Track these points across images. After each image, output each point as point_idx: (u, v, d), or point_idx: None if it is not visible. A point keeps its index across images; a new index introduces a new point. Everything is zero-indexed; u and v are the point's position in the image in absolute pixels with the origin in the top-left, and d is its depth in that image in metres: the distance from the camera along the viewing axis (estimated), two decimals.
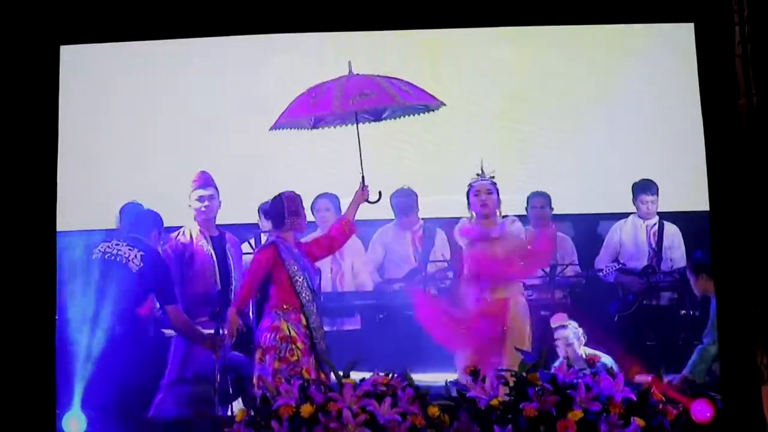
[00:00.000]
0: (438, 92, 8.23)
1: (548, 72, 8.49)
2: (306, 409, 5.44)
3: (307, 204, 7.27)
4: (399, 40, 8.33)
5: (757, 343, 6.23)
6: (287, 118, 7.21)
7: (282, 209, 6.84)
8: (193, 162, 7.61)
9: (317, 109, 7.11)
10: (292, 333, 6.64)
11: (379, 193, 7.13)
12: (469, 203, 7.07)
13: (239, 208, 7.85)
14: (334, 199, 8.11)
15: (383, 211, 7.93)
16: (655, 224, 8.27)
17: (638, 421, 5.49)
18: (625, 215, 8.34)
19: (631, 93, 8.43)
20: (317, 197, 8.08)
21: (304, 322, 6.70)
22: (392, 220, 8.23)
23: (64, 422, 6.19)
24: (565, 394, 5.50)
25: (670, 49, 8.14)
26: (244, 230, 7.82)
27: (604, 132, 8.44)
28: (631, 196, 8.28)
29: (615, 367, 6.66)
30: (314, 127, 7.40)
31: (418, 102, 7.25)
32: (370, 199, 7.12)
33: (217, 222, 7.65)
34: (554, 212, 8.21)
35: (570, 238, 8.38)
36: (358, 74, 7.18)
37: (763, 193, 6.31)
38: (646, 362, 6.31)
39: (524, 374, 5.58)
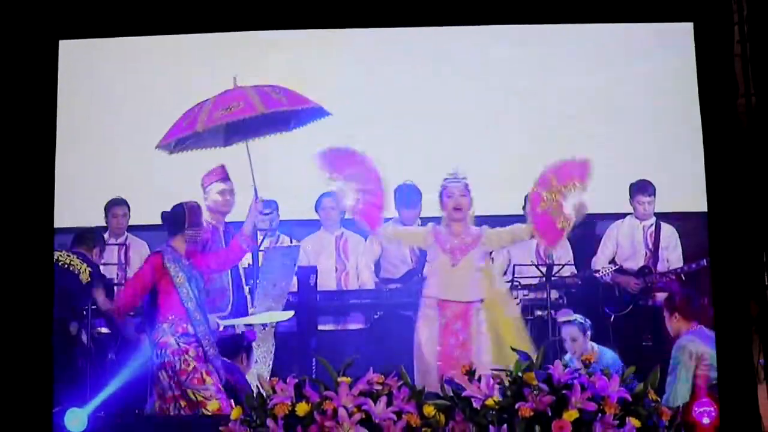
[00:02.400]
0: (434, 91, 8.33)
1: (545, 71, 8.51)
2: (302, 408, 5.44)
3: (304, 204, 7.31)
4: (402, 36, 8.36)
5: (754, 342, 6.22)
6: (167, 140, 7.27)
7: (183, 219, 6.87)
8: (192, 159, 7.60)
9: (188, 129, 7.14)
10: (181, 345, 6.67)
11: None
12: (441, 204, 6.81)
13: (239, 205, 7.82)
14: (338, 196, 8.09)
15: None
16: (652, 225, 8.27)
17: (633, 422, 5.50)
18: (623, 216, 8.34)
19: (629, 92, 8.48)
20: (322, 195, 8.08)
21: (190, 330, 6.70)
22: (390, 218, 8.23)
23: (66, 419, 6.20)
24: (561, 394, 5.50)
25: (669, 48, 8.15)
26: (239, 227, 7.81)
27: (602, 131, 8.46)
28: (628, 197, 8.27)
29: (618, 363, 6.65)
30: (226, 144, 7.43)
31: (290, 107, 7.25)
32: (263, 212, 7.23)
33: None
34: None
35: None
36: (239, 87, 7.23)
37: (761, 193, 6.30)
38: (641, 363, 6.31)
39: (520, 374, 5.58)
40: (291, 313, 7.39)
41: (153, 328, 6.70)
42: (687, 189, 7.90)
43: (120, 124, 8.37)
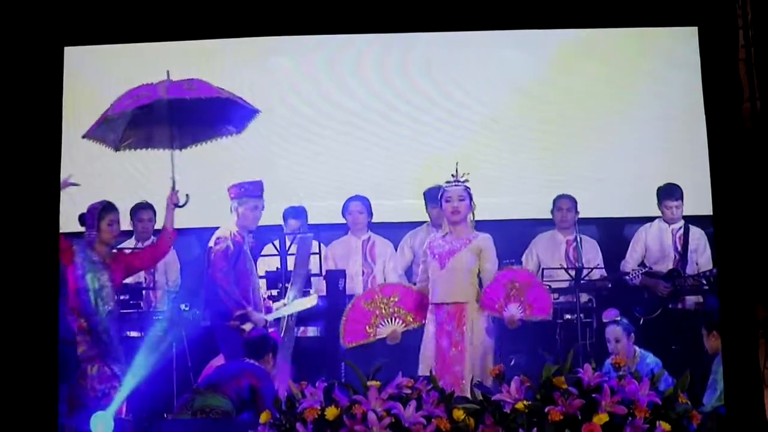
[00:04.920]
0: (460, 94, 8.30)
1: (560, 75, 8.52)
2: (331, 412, 5.44)
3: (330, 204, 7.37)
4: (417, 41, 8.38)
5: (760, 347, 6.22)
6: (104, 118, 7.34)
7: (83, 221, 7.08)
8: (200, 163, 7.55)
9: (142, 101, 7.23)
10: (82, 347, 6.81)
11: (186, 196, 7.25)
12: (440, 208, 6.80)
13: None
14: (365, 201, 8.16)
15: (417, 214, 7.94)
16: (680, 228, 8.22)
17: (663, 426, 5.47)
18: (652, 219, 8.30)
19: (633, 96, 8.49)
20: (349, 199, 8.13)
21: (84, 326, 6.83)
22: (424, 223, 8.19)
23: (92, 423, 6.15)
24: (591, 398, 5.47)
25: (674, 52, 8.18)
26: (266, 231, 7.78)
27: (616, 136, 8.50)
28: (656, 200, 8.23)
29: (660, 366, 6.60)
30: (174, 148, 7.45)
31: (195, 96, 7.28)
32: (178, 204, 7.24)
33: None
34: (580, 216, 8.19)
35: (596, 241, 8.35)
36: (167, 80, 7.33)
37: (766, 197, 6.32)
38: (670, 366, 6.30)
39: (550, 377, 5.55)
40: (315, 298, 7.49)
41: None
42: (692, 193, 7.96)
43: None
